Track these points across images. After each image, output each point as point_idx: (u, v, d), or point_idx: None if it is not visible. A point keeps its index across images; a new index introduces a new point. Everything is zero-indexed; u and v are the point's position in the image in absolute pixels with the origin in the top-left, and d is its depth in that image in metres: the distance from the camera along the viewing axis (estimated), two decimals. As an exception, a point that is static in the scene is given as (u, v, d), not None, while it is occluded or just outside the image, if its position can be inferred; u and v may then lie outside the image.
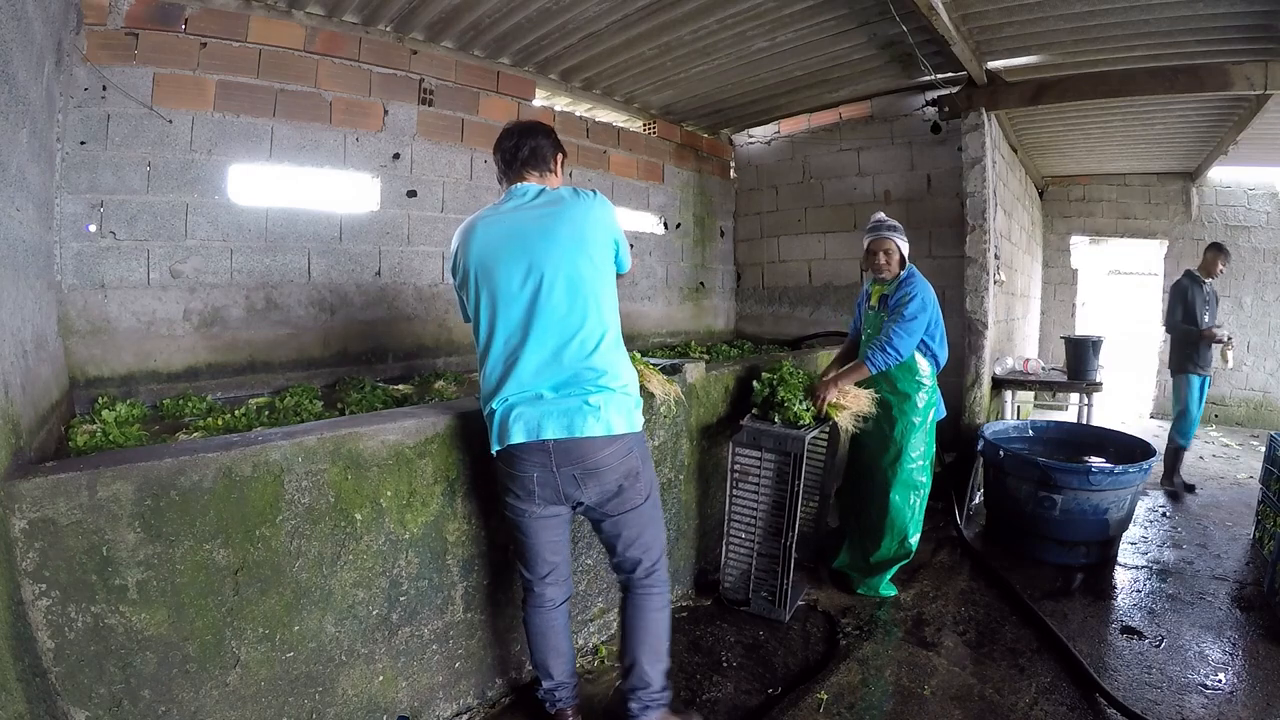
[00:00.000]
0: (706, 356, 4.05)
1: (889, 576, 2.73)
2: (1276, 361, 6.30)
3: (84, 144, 2.54)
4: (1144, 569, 3.00)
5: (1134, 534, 3.35)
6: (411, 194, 3.52)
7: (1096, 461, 3.31)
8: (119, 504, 1.29)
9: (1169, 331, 4.28)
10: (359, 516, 1.65)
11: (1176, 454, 4.18)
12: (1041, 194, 7.03)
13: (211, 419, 2.33)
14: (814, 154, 4.94)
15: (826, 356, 3.84)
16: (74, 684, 1.26)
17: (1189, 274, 4.22)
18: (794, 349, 4.50)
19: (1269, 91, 3.35)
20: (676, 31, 3.36)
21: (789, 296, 5.18)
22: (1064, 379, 4.29)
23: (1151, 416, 6.71)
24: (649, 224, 4.93)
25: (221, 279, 2.93)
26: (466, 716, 1.93)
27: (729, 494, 2.58)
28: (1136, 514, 3.40)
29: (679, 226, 5.08)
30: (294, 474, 1.52)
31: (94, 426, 2.14)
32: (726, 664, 2.24)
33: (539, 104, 4.10)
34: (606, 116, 4.65)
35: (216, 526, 1.41)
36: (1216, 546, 3.24)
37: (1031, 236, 6.34)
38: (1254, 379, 6.37)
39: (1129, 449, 3.35)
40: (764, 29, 3.35)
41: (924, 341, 2.62)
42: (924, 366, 2.67)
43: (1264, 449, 3.21)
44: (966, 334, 4.04)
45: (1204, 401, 4.19)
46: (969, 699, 2.01)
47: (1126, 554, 3.14)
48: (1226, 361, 4.17)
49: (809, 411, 2.51)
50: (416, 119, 3.50)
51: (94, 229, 2.59)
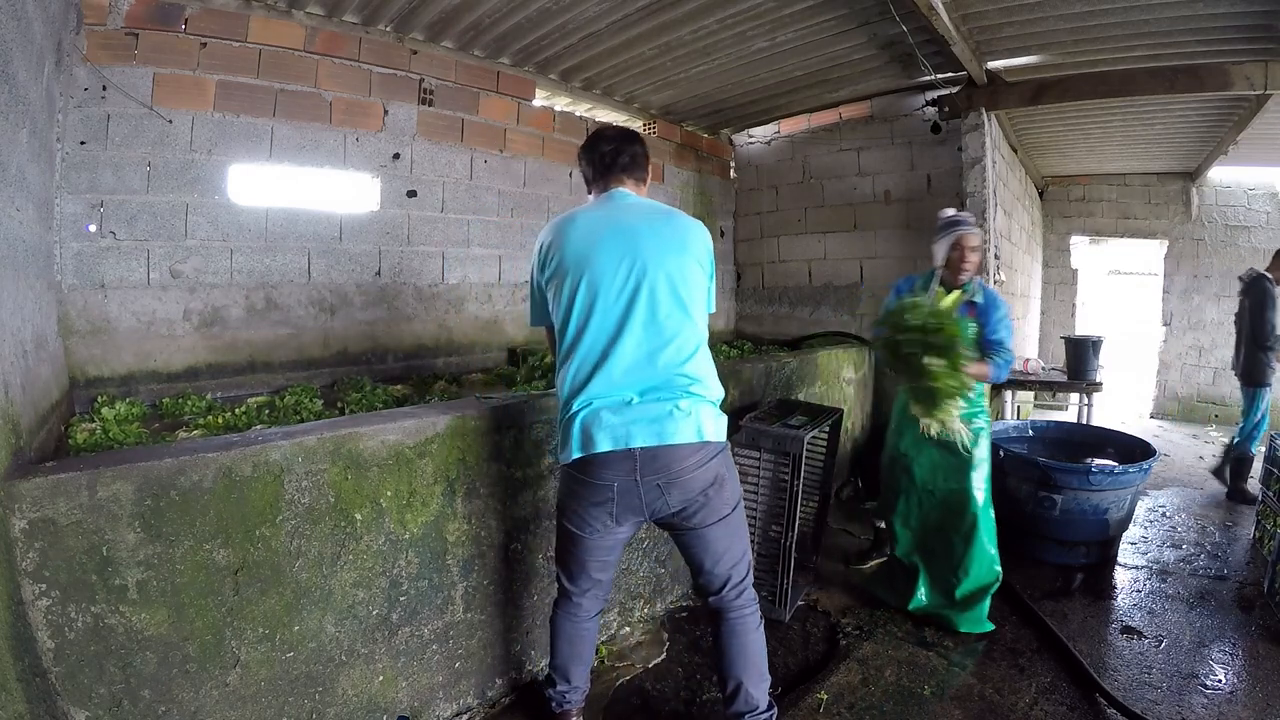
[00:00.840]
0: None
1: (987, 607, 2.43)
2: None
3: (84, 144, 2.54)
4: (1144, 569, 3.00)
5: (1134, 534, 3.35)
6: (411, 194, 3.52)
7: (1096, 461, 3.31)
8: (119, 504, 1.29)
9: (1265, 340, 3.83)
10: (359, 516, 1.65)
11: (1247, 461, 3.97)
12: (1041, 194, 7.03)
13: (212, 417, 2.33)
14: (814, 154, 4.94)
15: (827, 356, 3.84)
16: (74, 684, 1.26)
17: (1264, 278, 3.88)
18: (794, 349, 4.50)
19: (1269, 91, 3.35)
20: (676, 31, 3.36)
21: (789, 296, 5.18)
22: (1064, 379, 4.29)
23: (1152, 416, 6.71)
24: (649, 224, 4.92)
25: (221, 279, 2.93)
26: (466, 716, 1.93)
27: (729, 494, 2.58)
28: (1136, 514, 3.40)
29: (679, 226, 5.08)
30: (294, 474, 1.52)
31: (94, 425, 2.14)
32: (726, 664, 2.23)
33: (539, 104, 4.11)
34: (606, 116, 4.66)
35: (216, 526, 1.41)
36: (1216, 546, 3.23)
37: (1031, 236, 6.34)
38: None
39: (1129, 449, 3.35)
40: (764, 29, 3.35)
41: None
42: None
43: (1264, 449, 3.21)
44: (966, 334, 4.03)
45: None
46: (969, 699, 2.01)
47: (1126, 554, 3.14)
48: None
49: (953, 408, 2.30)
50: (416, 119, 3.50)
51: (94, 229, 2.59)
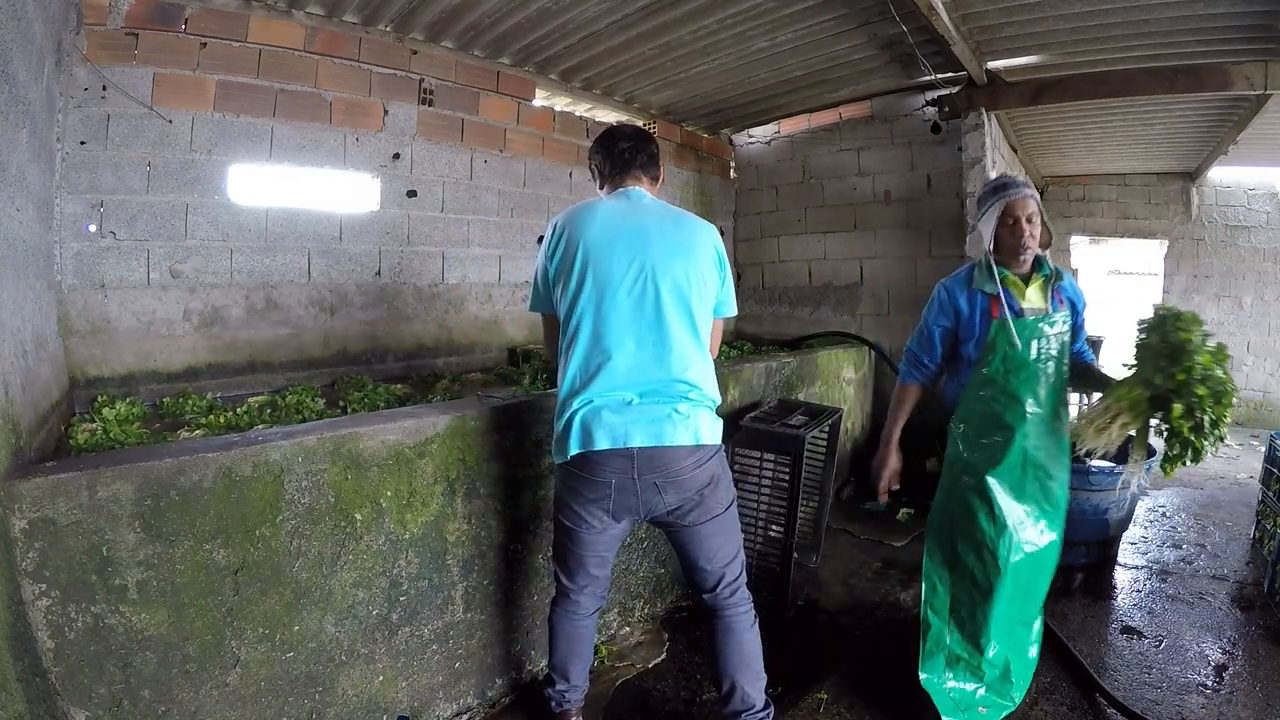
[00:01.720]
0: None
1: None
2: (1276, 361, 6.30)
3: (84, 144, 2.54)
4: (1144, 569, 2.99)
5: (1134, 534, 3.35)
6: (411, 194, 3.52)
7: (1096, 462, 3.30)
8: (119, 504, 1.29)
9: None
10: (359, 516, 1.65)
11: None
12: (1042, 194, 7.01)
13: (213, 417, 2.33)
14: (814, 154, 4.94)
15: (827, 356, 3.84)
16: (74, 684, 1.26)
17: None
18: (794, 349, 4.50)
19: (1269, 91, 3.35)
20: (676, 31, 3.36)
21: (789, 296, 5.18)
22: (1064, 379, 4.28)
23: (1151, 416, 6.70)
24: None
25: (221, 279, 2.93)
26: (466, 716, 1.93)
27: (729, 494, 2.58)
28: (1136, 514, 3.39)
29: (679, 226, 5.08)
30: (294, 474, 1.52)
31: (94, 425, 2.14)
32: (726, 664, 2.23)
33: (539, 104, 4.10)
34: (606, 116, 4.65)
35: (216, 526, 1.41)
36: (1216, 546, 3.23)
37: (1031, 236, 6.33)
38: (1254, 379, 6.36)
39: (1128, 449, 3.34)
40: (764, 29, 3.34)
41: None
42: None
43: (1264, 449, 3.21)
44: (966, 334, 4.04)
45: None
46: (969, 699, 2.01)
47: (1126, 554, 3.14)
48: None
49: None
50: (416, 119, 3.50)
51: (94, 229, 2.59)
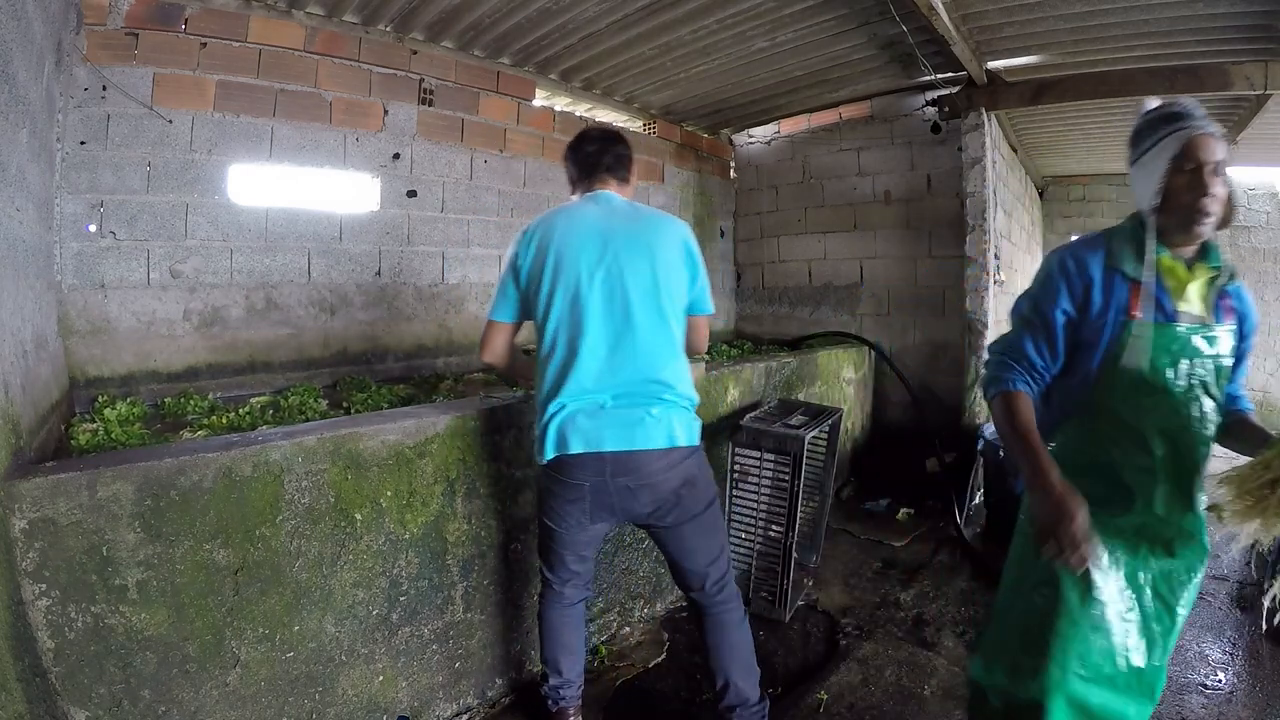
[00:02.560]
0: (706, 356, 4.05)
1: None
2: (1276, 361, 6.30)
3: (84, 144, 2.54)
4: (1144, 569, 2.99)
5: (1134, 534, 3.35)
6: (411, 194, 3.52)
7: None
8: (119, 504, 1.29)
9: None
10: (359, 516, 1.65)
11: None
12: (1041, 194, 7.03)
13: (215, 418, 2.33)
14: (814, 154, 4.94)
15: (827, 356, 3.84)
16: (74, 684, 1.26)
17: None
18: (794, 349, 4.50)
19: (1269, 91, 3.35)
20: (676, 31, 3.36)
21: (789, 296, 5.18)
22: (1064, 379, 4.28)
23: (1151, 416, 6.71)
24: (649, 224, 4.92)
25: (221, 279, 2.92)
26: (466, 716, 1.93)
27: (729, 494, 2.58)
28: (1136, 514, 3.39)
29: (679, 226, 5.08)
30: (294, 474, 1.52)
31: (95, 425, 2.14)
32: (726, 664, 2.24)
33: (539, 104, 4.10)
34: (606, 116, 4.65)
35: (216, 526, 1.41)
36: (1216, 546, 3.23)
37: (1031, 236, 6.34)
38: (1254, 379, 6.36)
39: None
40: (764, 29, 3.34)
41: None
42: None
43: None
44: (966, 334, 4.04)
45: None
46: (969, 699, 2.01)
47: (1126, 554, 3.14)
48: None
49: None
50: (416, 119, 3.50)
51: (94, 229, 2.59)
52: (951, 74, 3.83)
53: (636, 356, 1.57)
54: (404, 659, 1.77)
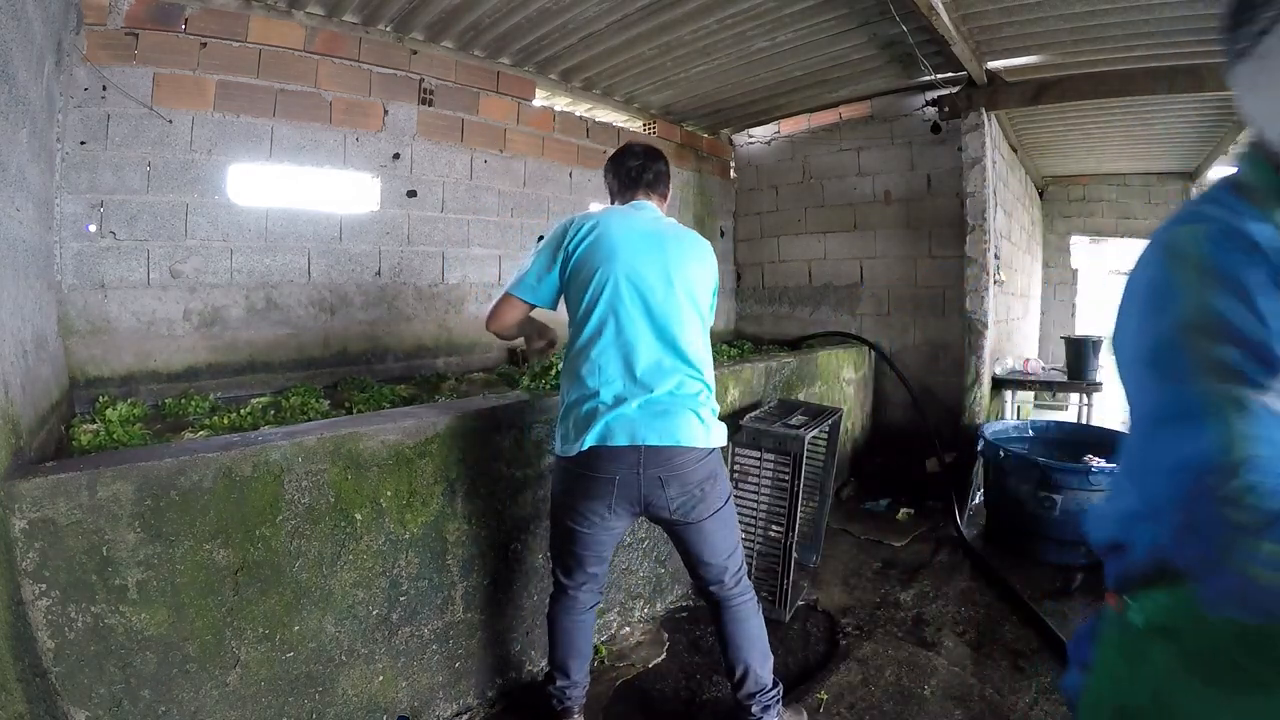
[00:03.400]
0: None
1: None
2: (1276, 361, 6.29)
3: (84, 144, 2.54)
4: (1144, 569, 2.99)
5: (1134, 534, 3.35)
6: (411, 194, 3.52)
7: (1096, 461, 3.31)
8: (119, 504, 1.29)
9: None
10: (359, 516, 1.65)
11: None
12: (1041, 194, 7.03)
13: (217, 418, 2.33)
14: (814, 154, 4.94)
15: (827, 356, 3.84)
16: (74, 684, 1.26)
17: None
18: (794, 349, 4.50)
19: (1269, 91, 3.35)
20: (676, 31, 3.36)
21: (789, 296, 5.18)
22: (1064, 379, 4.29)
23: (1151, 416, 6.69)
24: (649, 224, 4.92)
25: (221, 279, 2.92)
26: (467, 716, 1.93)
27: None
28: (1136, 514, 3.39)
29: (679, 226, 5.08)
30: (294, 474, 1.52)
31: (96, 426, 2.14)
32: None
33: (539, 104, 4.10)
34: (606, 116, 4.65)
35: (216, 526, 1.41)
36: (1216, 546, 3.23)
37: (1031, 236, 6.34)
38: (1254, 379, 6.35)
39: (1129, 449, 3.34)
40: (764, 29, 3.34)
41: None
42: None
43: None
44: (966, 334, 4.04)
45: None
46: (969, 699, 2.01)
47: (1126, 554, 3.14)
48: None
49: None
50: (416, 119, 3.50)
51: (94, 229, 2.59)
52: (951, 74, 3.83)
53: (679, 356, 1.63)
54: (404, 659, 1.77)
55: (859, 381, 4.30)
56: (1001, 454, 3.22)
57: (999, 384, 4.30)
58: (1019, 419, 4.30)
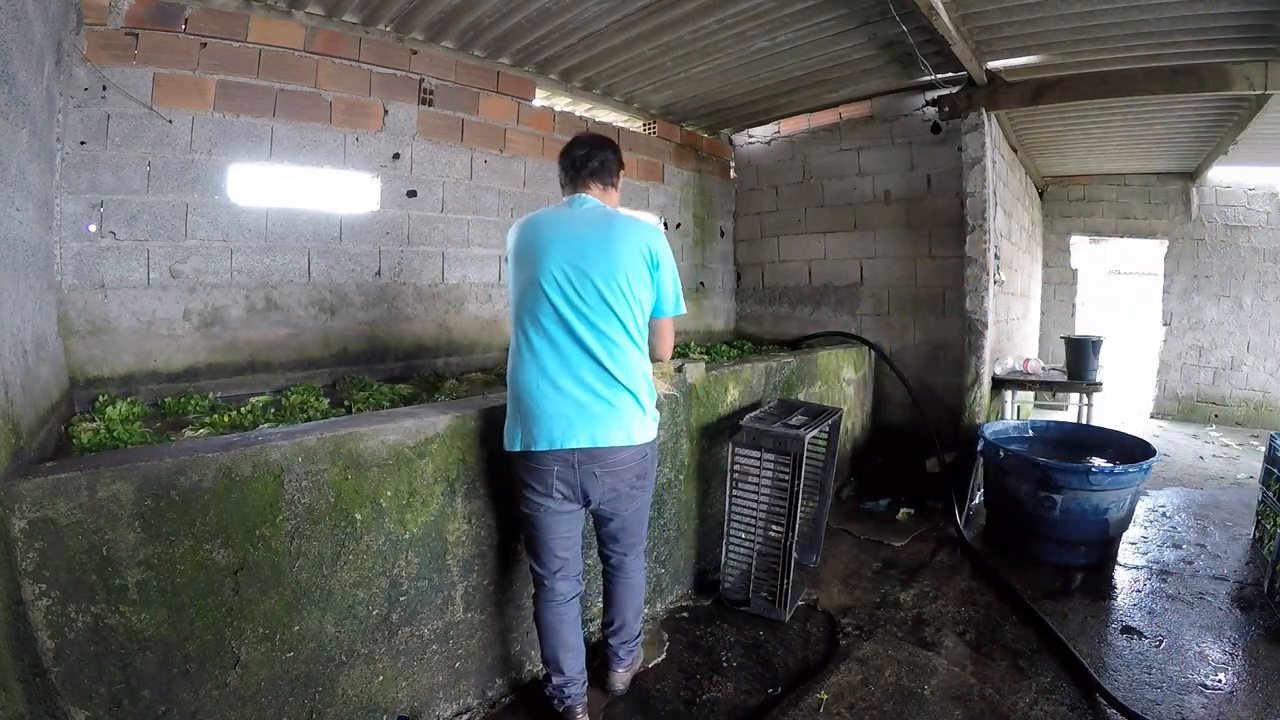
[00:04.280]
0: (706, 356, 4.05)
1: None
2: (1276, 361, 6.29)
3: (84, 144, 2.54)
4: (1144, 569, 2.99)
5: (1134, 534, 3.35)
6: (411, 194, 3.52)
7: (1096, 461, 3.31)
8: (119, 504, 1.29)
9: None
10: (359, 516, 1.65)
11: None
12: (1041, 194, 7.03)
13: (217, 417, 2.33)
14: (814, 154, 4.94)
15: (827, 356, 3.85)
16: (74, 684, 1.26)
17: None
18: (794, 349, 4.50)
19: (1269, 91, 3.35)
20: (676, 31, 3.36)
21: (789, 296, 5.18)
22: (1064, 379, 4.29)
23: (1152, 416, 6.70)
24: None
25: (221, 279, 2.92)
26: (467, 716, 1.93)
27: (729, 494, 2.58)
28: (1136, 514, 3.39)
29: (679, 226, 5.08)
30: (294, 474, 1.52)
31: (96, 425, 2.14)
32: (726, 664, 2.24)
33: (539, 104, 4.10)
34: (606, 116, 4.65)
35: (216, 526, 1.41)
36: (1216, 546, 3.23)
37: (1031, 236, 6.34)
38: (1254, 379, 6.36)
39: (1129, 449, 3.35)
40: (764, 29, 3.34)
41: None
42: None
43: (1264, 449, 3.21)
44: (966, 334, 4.04)
45: None
46: (969, 699, 2.01)
47: (1126, 554, 3.14)
48: None
49: None
50: (416, 119, 3.50)
51: (94, 229, 2.59)
52: (951, 74, 3.83)
53: (593, 355, 1.68)
54: (404, 659, 1.77)
55: (859, 381, 4.30)
56: (1001, 454, 3.22)
57: (999, 384, 4.30)
58: (1019, 419, 4.30)
